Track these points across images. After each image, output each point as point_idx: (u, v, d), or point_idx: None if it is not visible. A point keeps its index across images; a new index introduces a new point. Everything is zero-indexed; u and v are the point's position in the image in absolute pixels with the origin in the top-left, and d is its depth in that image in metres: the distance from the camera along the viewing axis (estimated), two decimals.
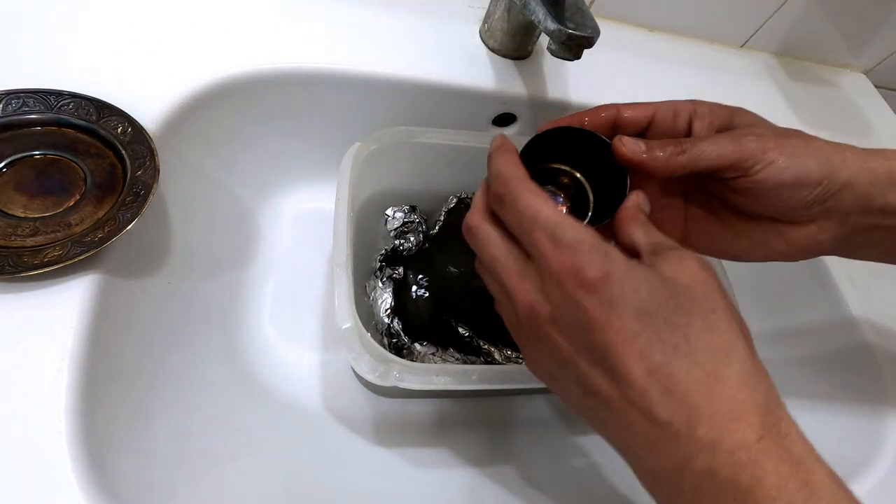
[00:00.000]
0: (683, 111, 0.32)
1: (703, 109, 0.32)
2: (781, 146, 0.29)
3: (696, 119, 0.32)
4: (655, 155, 0.30)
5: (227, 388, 0.40)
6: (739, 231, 0.33)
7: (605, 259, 0.24)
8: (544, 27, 0.39)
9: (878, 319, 0.48)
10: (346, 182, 0.37)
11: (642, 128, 0.32)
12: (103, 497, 0.27)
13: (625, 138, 0.30)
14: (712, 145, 0.29)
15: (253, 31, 0.44)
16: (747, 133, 0.30)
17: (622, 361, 0.23)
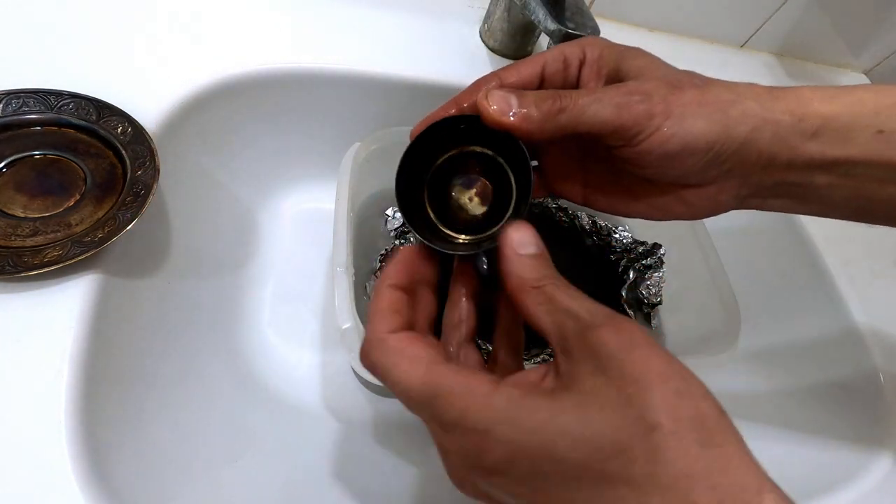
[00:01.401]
0: (573, 58, 0.28)
1: (592, 53, 0.28)
2: (670, 107, 0.25)
3: (584, 66, 0.28)
4: (530, 115, 0.25)
5: (227, 388, 0.40)
6: (637, 194, 0.29)
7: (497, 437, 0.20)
8: (544, 27, 0.39)
9: (878, 320, 0.48)
10: (346, 182, 0.37)
11: (532, 85, 0.28)
12: (103, 497, 0.27)
13: (492, 93, 0.25)
14: (594, 104, 0.25)
15: (253, 31, 0.44)
16: (634, 91, 0.25)
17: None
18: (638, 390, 0.19)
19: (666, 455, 0.19)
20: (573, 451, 0.19)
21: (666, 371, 0.20)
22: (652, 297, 0.50)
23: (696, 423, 0.19)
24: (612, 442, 0.19)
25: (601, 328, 0.21)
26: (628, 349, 0.20)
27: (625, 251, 0.52)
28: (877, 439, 0.43)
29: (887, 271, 0.52)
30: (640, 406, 0.19)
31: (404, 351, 0.23)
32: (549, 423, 0.20)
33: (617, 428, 0.19)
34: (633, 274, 0.51)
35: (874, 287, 0.50)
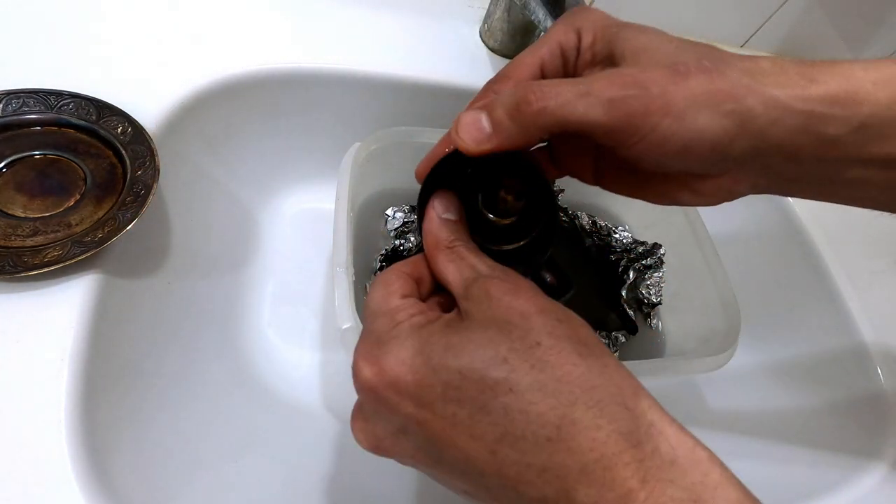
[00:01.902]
0: (570, 47, 0.26)
1: (586, 41, 0.25)
2: (670, 101, 0.21)
3: (580, 53, 0.26)
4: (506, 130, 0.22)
5: (227, 388, 0.40)
6: (645, 181, 0.27)
7: (393, 347, 0.22)
8: (544, 27, 0.39)
9: (877, 319, 0.48)
10: (346, 182, 0.37)
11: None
12: (103, 497, 0.27)
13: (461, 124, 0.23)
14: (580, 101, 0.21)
15: (253, 31, 0.44)
16: (628, 83, 0.21)
17: (458, 452, 0.20)
18: (521, 318, 0.21)
19: (547, 364, 0.20)
20: (456, 361, 0.21)
21: (547, 306, 0.22)
22: (652, 297, 0.50)
23: (574, 341, 0.21)
24: (493, 352, 0.20)
25: (495, 279, 0.23)
26: (515, 292, 0.22)
27: (625, 251, 0.52)
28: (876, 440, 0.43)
29: (887, 271, 0.52)
30: (522, 329, 0.21)
31: (386, 279, 0.25)
32: (439, 340, 0.21)
33: (497, 342, 0.21)
34: (633, 274, 0.51)
35: (874, 287, 0.50)
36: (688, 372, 0.39)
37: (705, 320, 0.43)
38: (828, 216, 0.52)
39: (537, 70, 0.26)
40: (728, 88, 0.21)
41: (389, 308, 0.24)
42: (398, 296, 0.24)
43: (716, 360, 0.38)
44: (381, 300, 0.24)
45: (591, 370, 0.20)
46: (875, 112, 0.21)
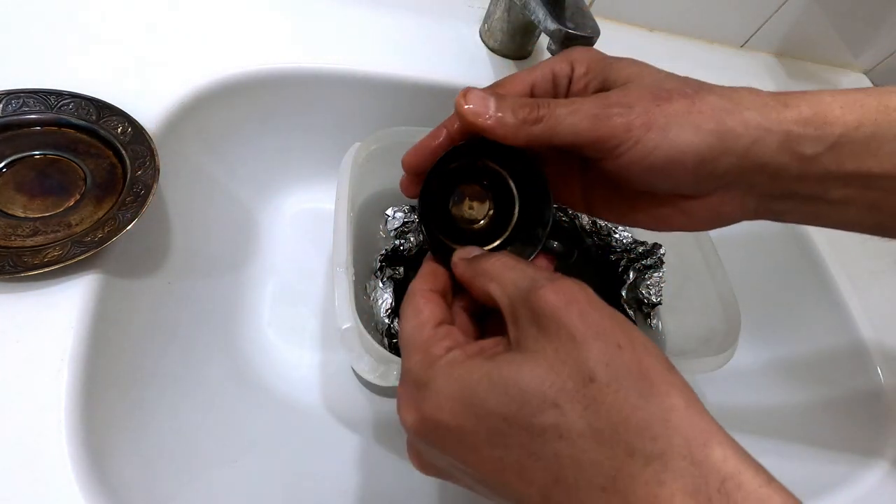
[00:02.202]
0: (562, 74, 0.27)
1: (580, 68, 0.27)
2: (652, 119, 0.23)
3: (572, 85, 0.27)
4: (504, 119, 0.24)
5: (227, 388, 0.40)
6: (636, 205, 0.28)
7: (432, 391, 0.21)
8: (544, 27, 0.39)
9: (877, 319, 0.48)
10: (346, 182, 0.37)
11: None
12: (103, 497, 0.27)
13: (471, 93, 0.25)
14: (570, 115, 0.24)
15: (253, 31, 0.44)
16: (614, 102, 0.24)
17: (511, 492, 0.20)
18: (574, 345, 0.19)
19: (602, 406, 0.18)
20: (503, 407, 0.19)
21: (605, 326, 0.20)
22: (652, 297, 0.50)
23: (636, 375, 0.19)
24: (541, 395, 0.19)
25: (541, 290, 0.21)
26: (566, 306, 0.20)
27: (625, 251, 0.52)
28: (876, 439, 0.43)
29: (887, 271, 0.52)
30: (575, 360, 0.19)
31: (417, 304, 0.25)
32: (482, 381, 0.20)
33: (547, 382, 0.19)
34: (633, 274, 0.51)
35: (874, 287, 0.50)
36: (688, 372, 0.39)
37: (705, 320, 0.43)
38: None
39: (528, 88, 0.27)
40: (709, 111, 0.23)
41: (423, 341, 0.23)
42: (431, 325, 0.24)
43: (716, 360, 0.38)
44: (413, 332, 0.24)
45: (654, 417, 0.18)
46: (845, 132, 0.23)
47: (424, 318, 0.24)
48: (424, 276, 0.27)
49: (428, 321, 0.24)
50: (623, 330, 0.20)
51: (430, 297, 0.25)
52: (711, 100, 0.24)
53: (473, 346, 0.22)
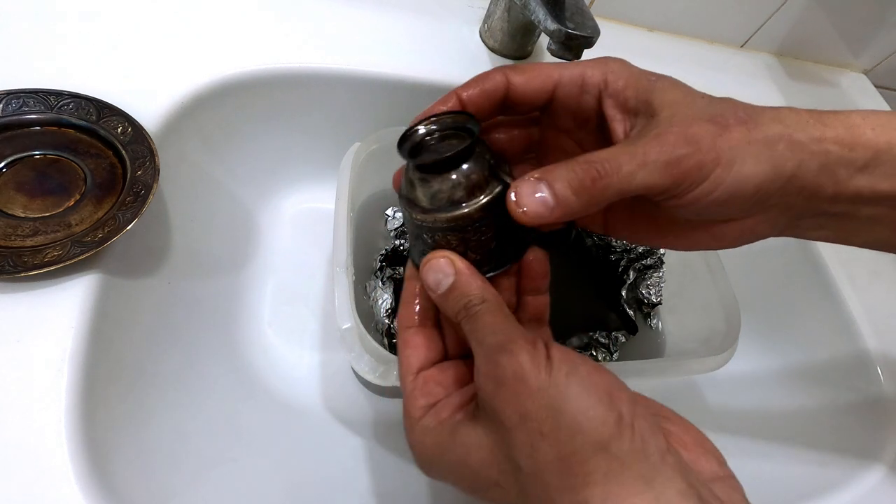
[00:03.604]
0: (592, 84, 0.26)
1: (615, 82, 0.25)
2: (719, 153, 0.23)
3: (605, 97, 0.26)
4: (570, 205, 0.22)
5: (227, 388, 0.40)
6: (664, 227, 0.27)
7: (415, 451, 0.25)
8: (544, 27, 0.39)
9: (878, 320, 0.48)
10: (346, 182, 0.37)
11: (541, 102, 0.26)
12: (103, 497, 0.27)
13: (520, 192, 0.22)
14: (640, 172, 0.22)
15: (253, 31, 0.44)
16: (680, 143, 0.23)
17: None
18: (506, 432, 0.20)
19: (530, 495, 0.20)
20: (459, 479, 0.23)
21: (529, 410, 0.19)
22: (652, 297, 0.50)
23: (557, 466, 0.19)
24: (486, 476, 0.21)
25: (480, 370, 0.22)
26: (496, 391, 0.21)
27: (625, 251, 0.52)
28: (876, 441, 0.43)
29: (887, 272, 0.52)
30: (507, 447, 0.20)
31: (399, 350, 0.27)
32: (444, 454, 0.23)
33: (489, 464, 0.21)
34: (633, 274, 0.51)
35: (874, 288, 0.50)
36: (688, 372, 0.39)
37: (705, 320, 0.43)
38: None
39: (551, 85, 0.26)
40: (762, 137, 0.23)
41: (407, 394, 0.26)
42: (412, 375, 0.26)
43: (716, 361, 0.38)
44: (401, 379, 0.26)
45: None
46: (877, 154, 0.23)
47: (405, 368, 0.26)
48: (403, 307, 0.27)
49: (406, 371, 0.26)
50: (549, 409, 0.19)
51: (409, 340, 0.26)
52: (765, 125, 0.24)
53: (446, 406, 0.24)
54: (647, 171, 0.22)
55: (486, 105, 0.25)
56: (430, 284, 0.24)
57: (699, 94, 0.25)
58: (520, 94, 0.25)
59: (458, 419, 0.23)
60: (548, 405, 0.19)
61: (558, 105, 0.26)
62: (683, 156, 0.22)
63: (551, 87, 0.26)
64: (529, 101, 0.26)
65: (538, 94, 0.26)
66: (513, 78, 0.25)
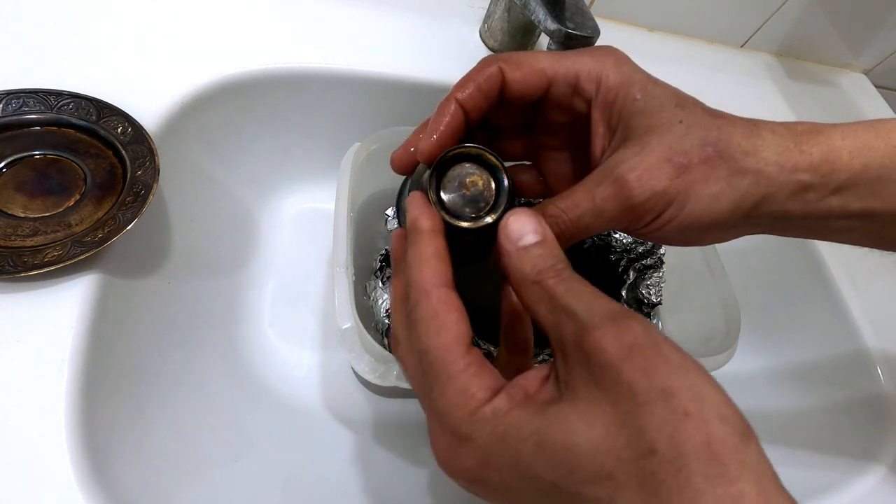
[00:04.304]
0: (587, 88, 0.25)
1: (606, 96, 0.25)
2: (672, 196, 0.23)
3: (594, 107, 0.26)
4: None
5: (227, 388, 0.40)
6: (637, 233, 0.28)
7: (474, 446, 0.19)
8: (544, 27, 0.39)
9: (878, 320, 0.48)
10: (346, 182, 0.37)
11: (534, 98, 0.26)
12: (103, 497, 0.27)
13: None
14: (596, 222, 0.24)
15: (253, 31, 0.44)
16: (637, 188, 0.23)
17: None
18: (634, 406, 0.17)
19: (662, 486, 0.16)
20: (549, 471, 0.17)
21: (673, 385, 0.17)
22: (652, 297, 0.50)
23: (704, 452, 0.16)
24: (595, 464, 0.17)
25: (597, 330, 0.18)
26: (627, 357, 0.17)
27: (625, 251, 0.52)
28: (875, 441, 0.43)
29: (887, 272, 0.52)
30: (635, 426, 0.16)
31: (440, 313, 0.21)
32: (528, 440, 0.18)
33: (603, 449, 0.17)
34: (633, 274, 0.51)
35: (874, 287, 0.50)
36: None
37: (705, 320, 0.43)
38: None
39: (545, 83, 0.26)
40: (725, 175, 0.24)
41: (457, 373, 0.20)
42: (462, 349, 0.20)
43: (716, 360, 0.38)
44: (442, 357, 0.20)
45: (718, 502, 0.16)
46: (852, 177, 0.24)
47: (452, 339, 0.21)
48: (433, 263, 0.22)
49: (457, 342, 0.20)
50: (692, 389, 0.17)
51: (450, 303, 0.21)
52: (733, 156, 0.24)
53: (517, 388, 0.20)
54: (604, 219, 0.24)
55: (483, 104, 0.25)
56: (512, 233, 0.22)
57: (678, 119, 0.24)
58: (515, 91, 0.25)
59: (542, 398, 0.19)
60: (691, 385, 0.17)
61: (551, 103, 0.27)
62: (638, 203, 0.23)
63: (545, 86, 0.26)
64: (524, 97, 0.26)
65: (533, 92, 0.26)
66: (509, 75, 0.25)
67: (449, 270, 0.23)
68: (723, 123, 0.25)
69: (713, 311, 0.42)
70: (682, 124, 0.24)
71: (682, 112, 0.24)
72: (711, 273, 0.43)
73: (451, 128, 0.25)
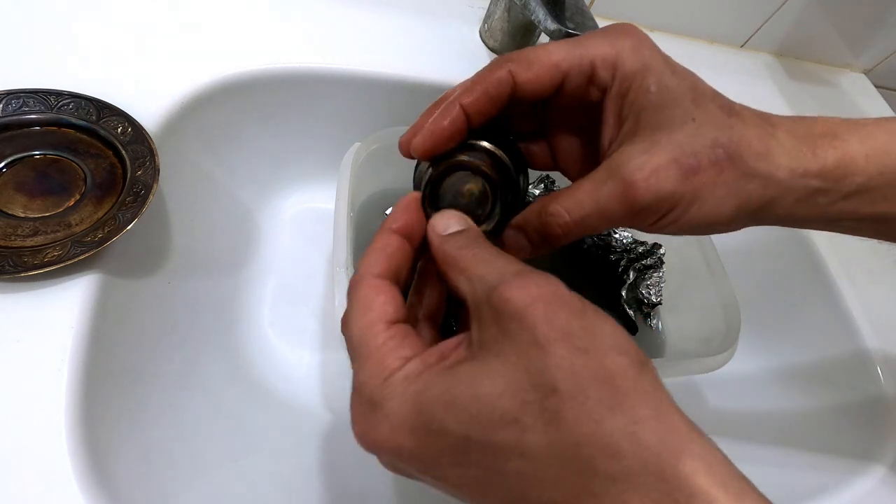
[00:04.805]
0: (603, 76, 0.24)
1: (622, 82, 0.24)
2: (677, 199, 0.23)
3: (608, 98, 0.25)
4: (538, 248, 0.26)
5: (227, 388, 0.40)
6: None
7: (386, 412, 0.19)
8: (544, 27, 0.39)
9: (878, 320, 0.48)
10: (346, 182, 0.37)
11: (547, 95, 0.25)
12: (103, 497, 0.27)
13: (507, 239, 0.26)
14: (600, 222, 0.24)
15: (253, 31, 0.44)
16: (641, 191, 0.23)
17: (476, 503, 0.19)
18: (536, 350, 0.17)
19: (564, 422, 0.17)
20: (461, 426, 0.18)
21: (572, 326, 0.18)
22: (652, 297, 0.50)
23: (601, 384, 0.17)
24: (500, 411, 0.17)
25: (504, 285, 0.19)
26: (530, 304, 0.18)
27: (625, 251, 0.52)
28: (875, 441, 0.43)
29: (887, 271, 0.52)
30: (537, 368, 0.17)
31: (367, 296, 0.22)
32: (440, 397, 0.18)
33: (508, 394, 0.17)
34: (633, 274, 0.51)
35: (874, 287, 0.50)
36: (688, 372, 0.39)
37: (705, 320, 0.43)
38: None
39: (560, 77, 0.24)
40: (733, 178, 0.23)
41: (376, 347, 0.21)
42: (382, 325, 0.21)
43: (715, 361, 0.38)
44: (363, 334, 0.21)
45: (619, 431, 0.17)
46: (866, 181, 0.24)
47: (375, 316, 0.21)
48: (375, 254, 0.23)
49: (378, 319, 0.21)
50: (590, 330, 0.18)
51: (380, 287, 0.22)
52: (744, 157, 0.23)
53: (433, 353, 0.21)
54: (609, 220, 0.24)
55: (490, 109, 0.24)
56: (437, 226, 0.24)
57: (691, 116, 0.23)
58: (527, 92, 0.24)
59: (454, 359, 0.20)
60: (589, 325, 0.18)
61: (565, 93, 0.25)
62: (643, 206, 0.23)
63: (559, 81, 0.24)
64: (536, 96, 0.25)
65: (546, 90, 0.24)
66: (519, 76, 0.24)
67: (395, 268, 0.23)
68: (736, 122, 0.24)
69: (713, 311, 0.42)
70: (694, 122, 0.23)
71: (696, 109, 0.24)
72: (711, 273, 0.43)
73: (450, 131, 0.24)
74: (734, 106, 0.25)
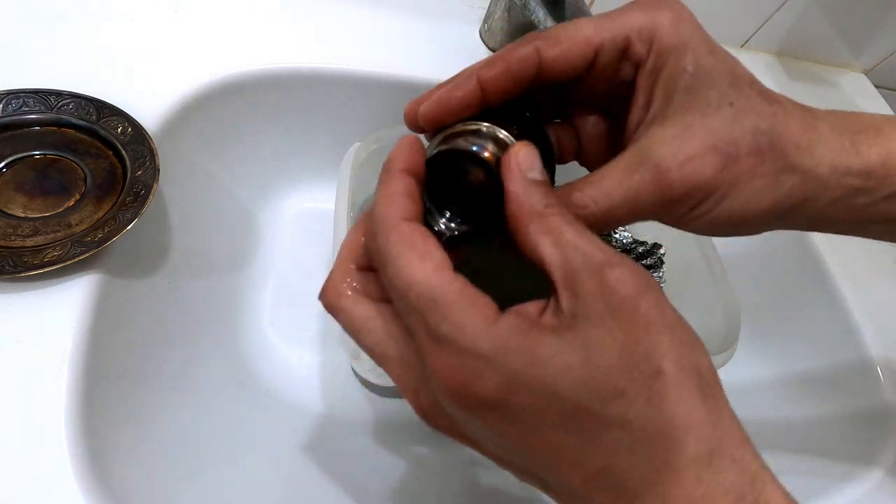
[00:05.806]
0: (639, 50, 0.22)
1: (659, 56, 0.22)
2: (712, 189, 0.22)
3: (641, 75, 0.23)
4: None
5: (227, 388, 0.40)
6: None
7: (497, 364, 0.18)
8: (544, 27, 0.39)
9: (878, 320, 0.48)
10: (346, 182, 0.37)
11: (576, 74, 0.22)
12: (103, 497, 0.27)
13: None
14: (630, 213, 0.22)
15: (253, 31, 0.44)
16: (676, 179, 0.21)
17: (553, 475, 0.19)
18: (648, 335, 0.18)
19: (666, 401, 0.18)
20: (574, 392, 0.18)
21: (673, 320, 0.19)
22: None
23: (697, 374, 0.19)
24: (612, 384, 0.18)
25: (618, 268, 0.19)
26: (643, 293, 0.19)
27: (624, 251, 0.52)
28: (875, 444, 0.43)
29: (888, 271, 0.52)
30: (647, 351, 0.18)
31: (416, 243, 0.19)
32: (553, 359, 0.18)
33: (620, 370, 0.18)
34: None
35: (875, 288, 0.50)
36: None
37: (705, 320, 0.43)
38: None
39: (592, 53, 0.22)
40: (773, 169, 0.22)
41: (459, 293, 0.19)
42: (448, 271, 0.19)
43: (716, 360, 0.38)
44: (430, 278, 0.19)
45: (709, 417, 0.18)
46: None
47: (438, 262, 0.19)
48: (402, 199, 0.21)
49: (442, 265, 0.19)
50: (685, 328, 0.20)
51: (424, 232, 0.20)
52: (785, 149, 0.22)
53: (520, 310, 0.19)
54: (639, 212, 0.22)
55: (510, 87, 0.22)
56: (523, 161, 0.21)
57: (729, 101, 0.22)
58: (554, 70, 0.22)
59: (551, 323, 0.19)
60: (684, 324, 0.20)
61: (597, 73, 0.23)
62: (677, 196, 0.22)
63: (591, 57, 0.22)
64: (564, 76, 0.22)
65: (575, 69, 0.22)
66: (546, 53, 0.21)
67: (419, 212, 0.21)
68: (778, 110, 0.22)
69: (713, 311, 0.42)
70: (731, 107, 0.22)
71: (735, 93, 0.22)
72: (712, 274, 0.43)
73: (462, 103, 0.22)
74: (774, 94, 0.23)
